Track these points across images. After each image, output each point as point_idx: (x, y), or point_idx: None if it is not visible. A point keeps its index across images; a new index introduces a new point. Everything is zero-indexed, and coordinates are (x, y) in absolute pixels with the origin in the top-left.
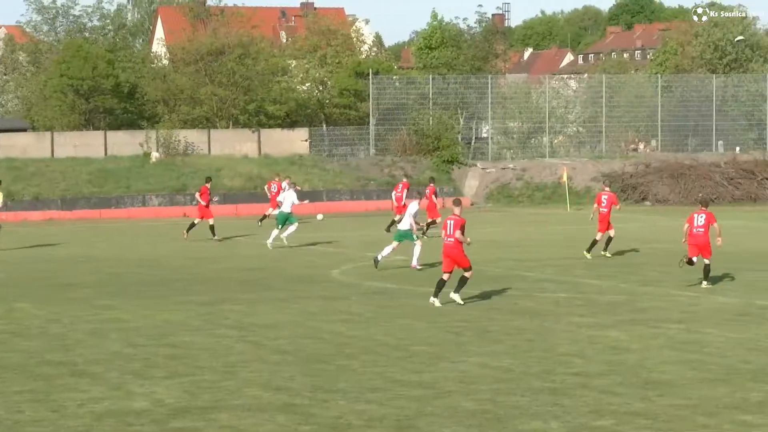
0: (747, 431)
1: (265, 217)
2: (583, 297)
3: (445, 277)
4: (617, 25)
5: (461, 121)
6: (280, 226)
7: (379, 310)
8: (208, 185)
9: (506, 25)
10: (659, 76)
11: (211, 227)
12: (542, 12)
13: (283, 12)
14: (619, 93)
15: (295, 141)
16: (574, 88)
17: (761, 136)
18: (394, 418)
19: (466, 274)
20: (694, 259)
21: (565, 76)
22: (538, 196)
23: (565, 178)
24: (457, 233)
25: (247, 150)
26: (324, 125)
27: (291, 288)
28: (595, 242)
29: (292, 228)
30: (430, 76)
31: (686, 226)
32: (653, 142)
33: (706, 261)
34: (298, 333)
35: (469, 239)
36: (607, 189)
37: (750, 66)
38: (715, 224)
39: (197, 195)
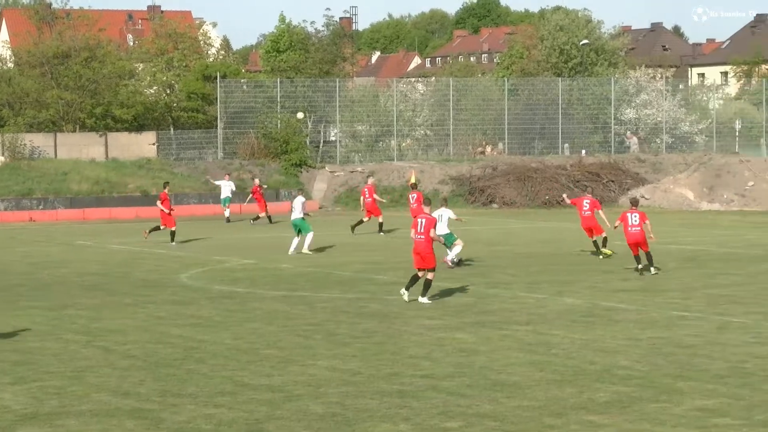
0: (594, 431)
1: (257, 218)
2: (431, 300)
3: (420, 274)
4: (464, 28)
5: (309, 124)
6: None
7: (228, 314)
8: (166, 191)
9: (354, 28)
10: (506, 79)
11: (172, 233)
12: (390, 16)
13: (130, 15)
14: (467, 96)
15: (143, 145)
16: (422, 91)
17: (606, 138)
18: (243, 422)
19: (429, 276)
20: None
21: (413, 79)
22: (386, 199)
23: (413, 181)
24: (431, 231)
25: (94, 154)
26: (172, 129)
27: (138, 293)
28: (605, 240)
29: (309, 237)
30: (278, 80)
31: (618, 223)
32: (500, 145)
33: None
34: (146, 338)
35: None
36: (588, 194)
37: (595, 69)
38: (647, 221)
39: (158, 203)
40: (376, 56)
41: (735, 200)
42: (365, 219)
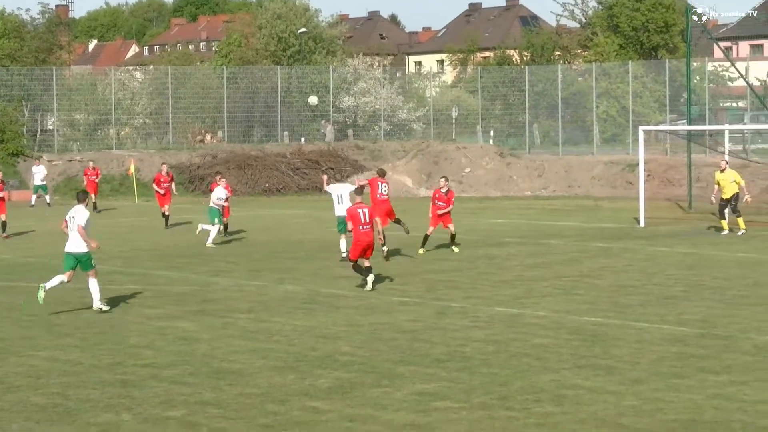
0: (316, 417)
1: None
2: (153, 289)
3: (366, 263)
4: (182, 17)
5: (26, 113)
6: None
7: None
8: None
9: (70, 16)
10: (225, 68)
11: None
12: (107, 3)
13: None
14: (185, 85)
15: None
16: (140, 79)
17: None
18: None
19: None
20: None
21: (131, 67)
22: (106, 188)
23: (132, 170)
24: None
25: None
26: None
27: None
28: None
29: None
30: None
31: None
32: (220, 134)
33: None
34: None
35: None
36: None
37: (313, 58)
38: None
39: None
40: (93, 44)
41: (453, 186)
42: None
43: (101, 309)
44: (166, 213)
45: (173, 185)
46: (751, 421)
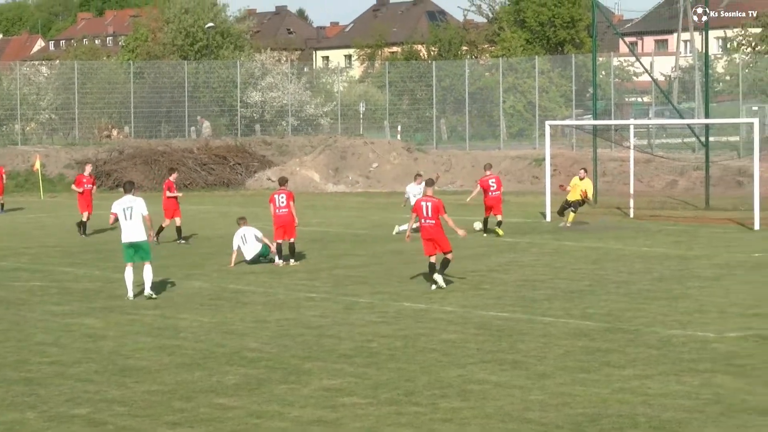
0: (222, 414)
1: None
2: (58, 285)
3: (433, 260)
4: (89, 11)
5: None
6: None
7: None
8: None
9: None
10: (131, 62)
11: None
12: None
13: None
14: (92, 80)
15: None
16: (46, 74)
17: (233, 122)
18: None
19: (449, 256)
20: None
21: (37, 62)
22: (10, 184)
23: (38, 166)
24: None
25: None
26: None
27: None
28: (500, 222)
29: None
30: None
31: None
32: (126, 129)
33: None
34: None
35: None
36: (489, 173)
37: (221, 53)
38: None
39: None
40: None
41: (360, 182)
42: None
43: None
44: (84, 219)
45: (94, 189)
46: (655, 414)
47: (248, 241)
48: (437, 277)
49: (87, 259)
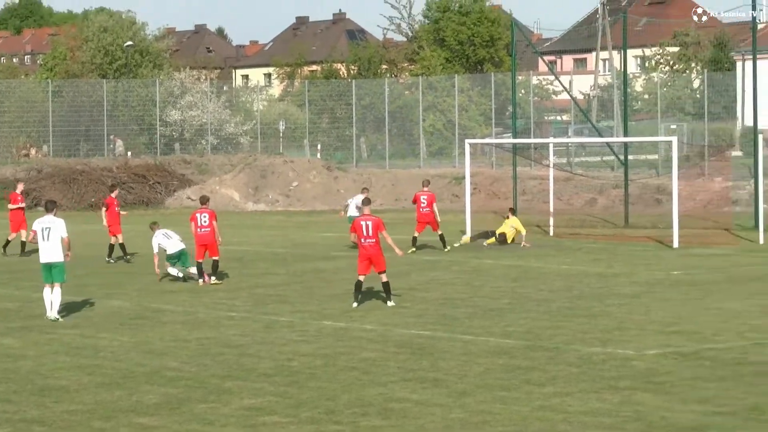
0: None
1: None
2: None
3: (362, 278)
4: (6, 29)
5: None
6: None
7: None
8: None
9: None
10: (50, 81)
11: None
12: None
13: None
14: (10, 98)
15: None
16: None
17: (152, 140)
18: None
19: (384, 278)
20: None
21: None
22: None
23: None
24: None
25: None
26: None
27: None
28: (442, 236)
29: None
30: None
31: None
32: (45, 148)
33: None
34: None
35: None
36: (426, 189)
37: (140, 71)
38: (215, 222)
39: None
40: None
41: (280, 200)
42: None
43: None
44: (22, 238)
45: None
46: None
47: (172, 237)
48: (390, 303)
49: (5, 278)
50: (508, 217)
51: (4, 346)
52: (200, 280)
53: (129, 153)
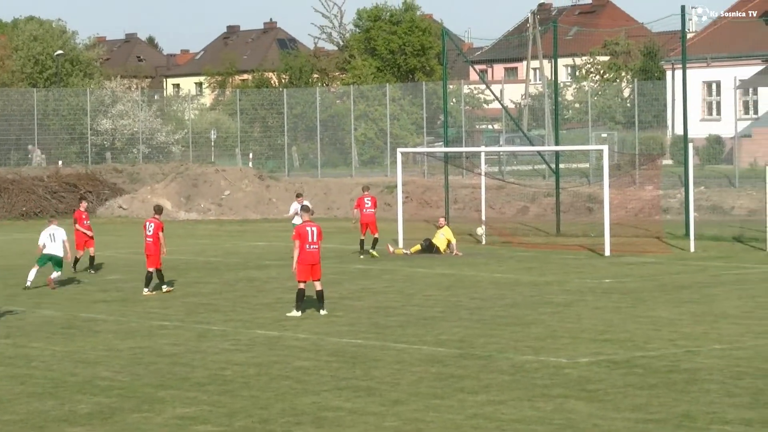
0: None
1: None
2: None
3: (303, 286)
4: None
5: None
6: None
7: None
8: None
9: None
10: None
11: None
12: None
13: None
14: None
15: None
16: None
17: (83, 149)
18: None
19: (319, 286)
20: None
21: None
22: None
23: None
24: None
25: None
26: None
27: None
28: (376, 240)
29: None
30: None
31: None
32: None
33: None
34: None
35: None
36: (367, 193)
37: (71, 80)
38: (161, 233)
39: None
40: None
41: (212, 209)
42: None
43: None
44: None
45: None
46: None
47: (56, 239)
48: (323, 312)
49: None
50: (441, 227)
51: None
52: (146, 289)
53: (60, 162)
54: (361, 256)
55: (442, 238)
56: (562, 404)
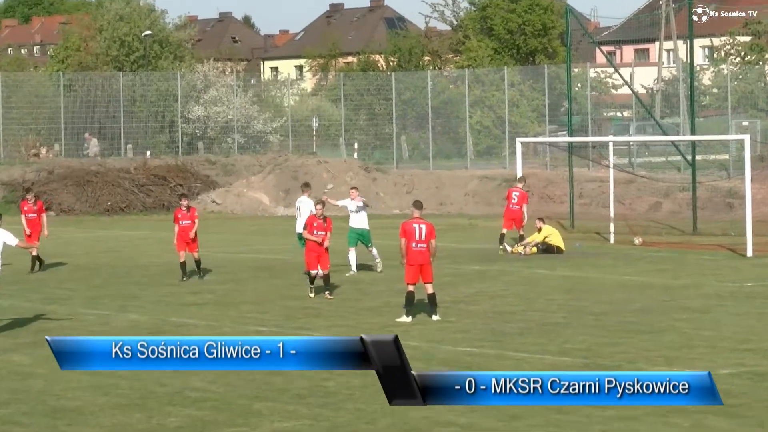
0: None
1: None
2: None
3: (412, 288)
4: (13, 17)
5: None
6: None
7: None
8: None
9: None
10: (61, 74)
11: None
12: None
13: None
14: (17, 93)
15: None
16: None
17: (173, 139)
18: None
19: (431, 289)
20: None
21: None
22: None
23: None
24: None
25: None
26: None
27: None
28: (503, 236)
29: None
30: None
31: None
32: (56, 146)
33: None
34: None
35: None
36: (519, 186)
37: (159, 63)
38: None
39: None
40: None
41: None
42: None
43: None
44: (33, 254)
45: (44, 217)
46: None
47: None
48: (435, 318)
49: (13, 289)
50: (540, 229)
51: (13, 363)
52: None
53: (148, 153)
54: (500, 249)
55: (556, 236)
56: (701, 420)
